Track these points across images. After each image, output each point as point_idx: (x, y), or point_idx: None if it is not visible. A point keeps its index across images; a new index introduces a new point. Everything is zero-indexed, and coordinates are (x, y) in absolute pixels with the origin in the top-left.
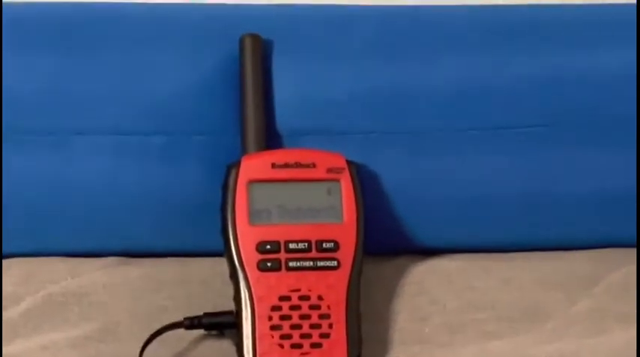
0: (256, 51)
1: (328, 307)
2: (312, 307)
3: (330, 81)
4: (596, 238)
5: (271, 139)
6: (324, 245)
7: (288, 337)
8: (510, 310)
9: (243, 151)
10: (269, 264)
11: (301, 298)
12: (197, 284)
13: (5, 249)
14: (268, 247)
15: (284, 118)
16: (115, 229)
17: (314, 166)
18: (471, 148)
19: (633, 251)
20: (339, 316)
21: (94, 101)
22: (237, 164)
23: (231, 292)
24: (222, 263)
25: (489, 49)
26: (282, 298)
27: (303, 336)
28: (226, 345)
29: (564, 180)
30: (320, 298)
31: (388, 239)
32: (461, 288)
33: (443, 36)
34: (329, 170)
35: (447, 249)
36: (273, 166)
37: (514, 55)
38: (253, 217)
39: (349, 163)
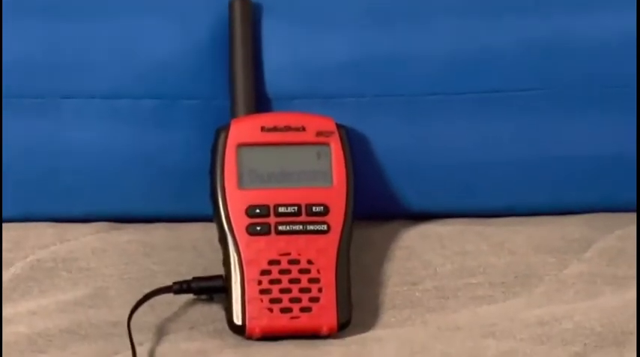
0: (246, 14)
1: (318, 271)
2: (301, 271)
3: (322, 44)
4: (589, 203)
5: (262, 103)
6: (313, 209)
7: (278, 301)
8: (502, 275)
9: (233, 114)
10: (258, 228)
11: (291, 262)
12: (187, 249)
13: None
14: (258, 210)
15: (274, 81)
16: (104, 194)
17: (303, 129)
18: (465, 112)
19: (626, 216)
20: (328, 280)
21: (83, 65)
22: (226, 127)
23: (221, 256)
24: (212, 228)
25: (485, 12)
26: (271, 262)
27: (292, 300)
28: (215, 309)
29: (560, 144)
30: (310, 262)
31: (380, 204)
32: (452, 252)
33: None
34: (318, 133)
35: (439, 214)
36: (263, 129)
37: (510, 18)
38: (242, 180)
39: (339, 126)
